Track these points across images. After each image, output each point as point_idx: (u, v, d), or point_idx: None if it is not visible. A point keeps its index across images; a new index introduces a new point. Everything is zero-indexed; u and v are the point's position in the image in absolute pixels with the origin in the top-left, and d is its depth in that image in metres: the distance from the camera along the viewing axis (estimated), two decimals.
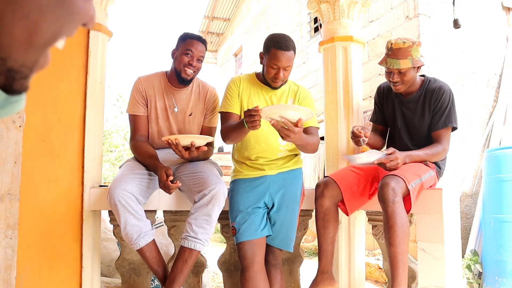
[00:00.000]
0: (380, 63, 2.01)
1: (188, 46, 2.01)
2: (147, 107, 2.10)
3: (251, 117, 1.67)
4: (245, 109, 1.95)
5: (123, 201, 1.79)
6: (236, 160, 2.10)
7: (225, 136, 1.93)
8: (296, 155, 2.08)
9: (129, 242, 1.86)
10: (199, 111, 2.16)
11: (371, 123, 2.32)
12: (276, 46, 1.85)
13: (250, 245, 1.87)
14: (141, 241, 1.85)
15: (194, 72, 2.03)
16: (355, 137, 1.99)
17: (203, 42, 2.07)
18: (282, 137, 1.72)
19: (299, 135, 1.70)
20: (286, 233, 1.96)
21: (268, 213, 1.98)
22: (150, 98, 2.09)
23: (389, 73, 1.99)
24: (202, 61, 2.05)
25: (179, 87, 2.11)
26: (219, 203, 1.85)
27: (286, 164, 2.04)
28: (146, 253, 1.87)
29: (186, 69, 2.00)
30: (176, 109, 2.12)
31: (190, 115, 2.13)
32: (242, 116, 1.96)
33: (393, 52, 1.95)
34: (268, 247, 1.97)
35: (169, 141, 1.87)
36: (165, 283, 1.88)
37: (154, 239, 1.91)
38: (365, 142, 1.96)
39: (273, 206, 1.97)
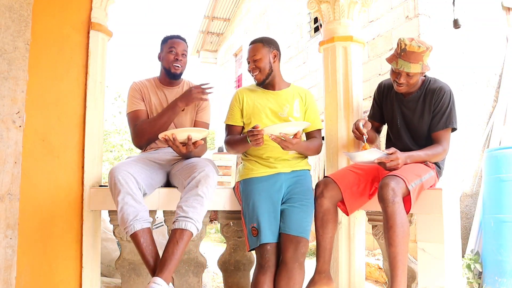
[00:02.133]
0: (389, 61, 1.97)
1: (170, 45, 2.21)
2: (145, 103, 2.22)
3: (254, 137, 1.84)
4: (252, 116, 2.09)
5: (122, 181, 1.79)
6: (247, 158, 2.12)
7: (230, 148, 2.13)
8: (306, 157, 2.15)
9: (123, 226, 1.76)
10: (190, 107, 2.26)
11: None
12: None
13: (273, 247, 1.86)
14: (137, 224, 1.75)
15: (181, 66, 2.21)
16: (359, 133, 2.00)
17: (183, 39, 2.27)
18: (283, 148, 1.89)
19: (297, 145, 1.89)
20: (301, 220, 1.90)
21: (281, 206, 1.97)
22: (145, 95, 2.22)
23: (396, 73, 1.97)
24: (186, 56, 2.25)
25: (170, 86, 2.27)
26: (209, 183, 1.83)
27: (298, 164, 2.09)
28: (140, 238, 1.75)
29: (174, 64, 2.19)
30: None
31: (182, 110, 2.21)
32: (245, 127, 2.14)
33: (405, 54, 1.91)
34: (287, 240, 1.87)
35: (166, 137, 1.91)
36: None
37: (150, 228, 1.82)
38: (366, 138, 1.98)
39: (286, 200, 1.97)
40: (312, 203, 1.97)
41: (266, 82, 2.12)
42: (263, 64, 2.07)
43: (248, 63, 2.12)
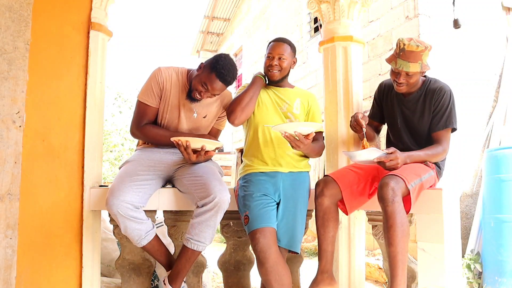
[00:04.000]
0: (388, 61, 1.98)
1: (208, 82, 1.93)
2: (160, 100, 2.05)
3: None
4: (260, 107, 2.09)
5: (122, 212, 1.82)
6: (247, 158, 2.13)
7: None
8: (306, 157, 2.14)
9: (131, 241, 1.92)
10: (213, 114, 2.17)
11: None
12: (272, 40, 2.16)
13: (264, 234, 1.83)
14: (143, 241, 1.90)
15: (203, 98, 2.00)
16: (358, 125, 2.00)
17: (228, 83, 1.96)
18: (293, 147, 1.90)
19: (308, 146, 1.89)
20: (293, 233, 1.94)
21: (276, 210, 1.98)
22: (165, 91, 2.04)
23: (395, 73, 1.98)
24: (218, 94, 2.02)
25: None
26: (222, 211, 1.88)
27: (297, 165, 2.09)
28: (149, 249, 1.96)
29: (197, 95, 1.98)
30: (195, 115, 2.09)
31: (204, 117, 2.13)
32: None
33: (404, 54, 1.92)
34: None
35: (180, 142, 1.87)
36: (170, 268, 1.99)
37: (156, 235, 1.96)
38: (365, 131, 1.99)
39: (279, 203, 1.97)
40: (306, 208, 2.02)
41: (278, 82, 2.13)
42: (285, 64, 2.09)
43: (270, 58, 2.08)
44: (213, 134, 2.22)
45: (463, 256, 3.83)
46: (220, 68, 1.91)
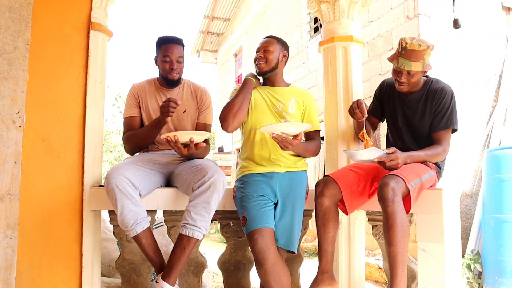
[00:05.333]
0: (390, 60, 1.98)
1: (164, 52, 2.12)
2: (140, 109, 2.20)
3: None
4: (255, 109, 2.11)
5: (120, 186, 1.81)
6: (243, 159, 2.14)
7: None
8: (302, 157, 2.14)
9: (125, 229, 1.85)
10: (192, 109, 2.24)
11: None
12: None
13: (262, 234, 1.82)
14: (138, 227, 1.84)
15: (178, 73, 2.15)
16: (360, 111, 2.00)
17: (178, 42, 2.15)
18: (282, 148, 1.88)
19: (297, 146, 1.89)
20: (291, 233, 1.93)
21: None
22: (142, 100, 2.19)
23: (397, 72, 1.98)
24: (182, 61, 2.16)
25: (170, 88, 2.22)
26: (218, 190, 1.86)
27: (294, 165, 2.08)
28: (142, 239, 1.87)
29: (169, 74, 2.13)
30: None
31: (183, 112, 2.20)
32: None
33: (406, 53, 1.92)
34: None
35: (168, 138, 1.91)
36: (160, 271, 1.89)
37: (150, 226, 1.92)
38: (365, 118, 2.00)
39: (277, 203, 1.98)
40: (303, 207, 2.02)
41: (267, 76, 2.15)
42: (271, 56, 2.11)
43: (257, 53, 2.14)
44: (201, 129, 2.25)
45: (463, 256, 3.83)
46: (161, 37, 2.17)
